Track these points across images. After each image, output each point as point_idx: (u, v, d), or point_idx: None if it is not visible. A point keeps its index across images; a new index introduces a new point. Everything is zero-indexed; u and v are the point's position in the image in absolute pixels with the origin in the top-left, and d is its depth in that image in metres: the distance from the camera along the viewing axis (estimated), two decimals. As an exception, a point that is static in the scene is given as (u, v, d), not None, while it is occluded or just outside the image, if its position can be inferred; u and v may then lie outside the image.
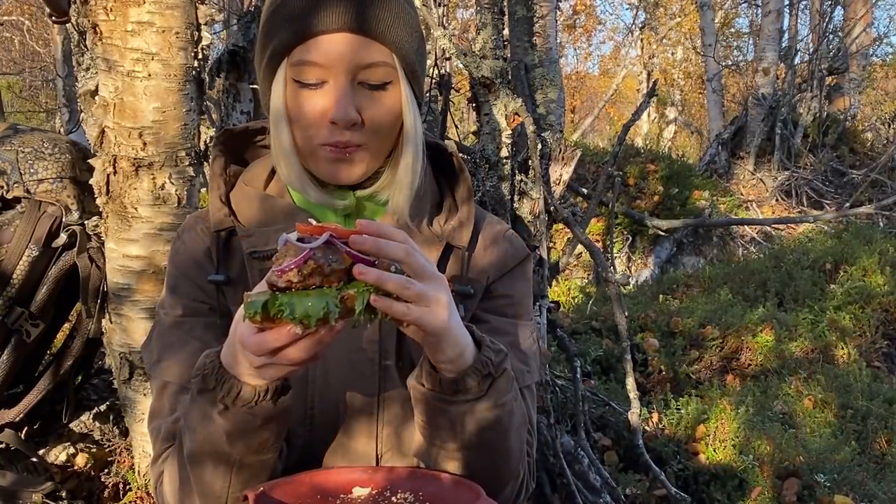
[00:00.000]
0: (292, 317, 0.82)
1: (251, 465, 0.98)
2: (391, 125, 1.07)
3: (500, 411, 1.00)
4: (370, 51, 1.02)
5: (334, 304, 0.83)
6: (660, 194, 7.38)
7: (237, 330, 0.90)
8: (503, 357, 0.99)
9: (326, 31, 1.00)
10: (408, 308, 0.87)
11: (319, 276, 0.83)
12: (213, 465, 0.98)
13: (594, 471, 2.73)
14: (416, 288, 0.87)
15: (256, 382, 0.92)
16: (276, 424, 0.96)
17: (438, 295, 0.90)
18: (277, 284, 0.83)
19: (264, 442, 0.96)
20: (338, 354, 1.08)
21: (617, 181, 3.20)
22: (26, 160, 2.13)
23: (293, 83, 1.03)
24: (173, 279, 1.14)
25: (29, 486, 2.16)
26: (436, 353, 0.94)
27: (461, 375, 0.96)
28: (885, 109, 11.73)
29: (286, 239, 0.86)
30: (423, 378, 0.98)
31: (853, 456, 3.34)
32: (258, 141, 1.20)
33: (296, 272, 0.83)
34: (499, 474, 1.05)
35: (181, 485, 1.03)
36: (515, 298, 1.18)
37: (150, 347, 1.13)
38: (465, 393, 0.97)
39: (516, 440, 1.05)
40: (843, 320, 4.92)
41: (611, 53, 20.43)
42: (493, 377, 0.98)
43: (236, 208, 1.13)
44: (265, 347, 0.86)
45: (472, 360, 0.96)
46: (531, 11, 2.76)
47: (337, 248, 0.85)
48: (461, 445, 1.01)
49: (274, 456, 0.99)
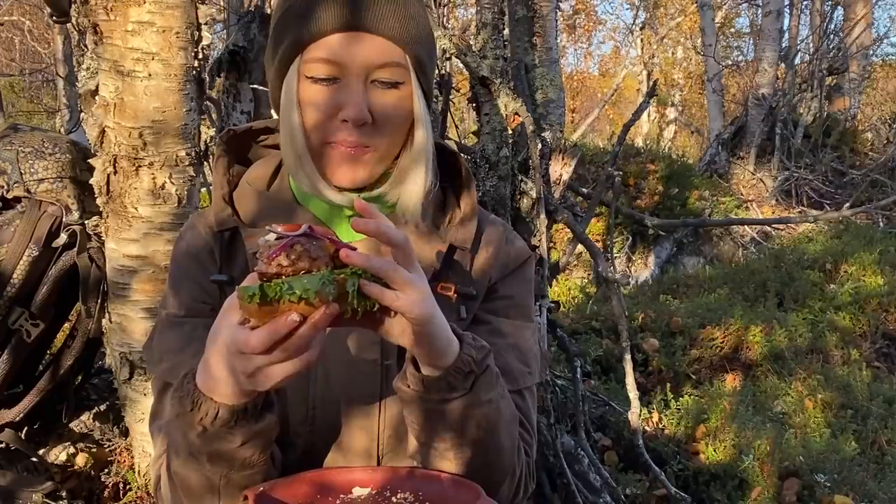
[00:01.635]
0: (292, 293, 0.82)
1: (238, 482, 0.97)
2: (401, 125, 1.07)
3: (486, 408, 0.99)
4: (383, 50, 1.02)
5: (329, 281, 0.83)
6: (660, 194, 7.39)
7: (230, 338, 0.87)
8: (486, 353, 0.99)
9: (340, 29, 1.01)
10: (396, 295, 0.87)
11: (308, 260, 0.83)
12: (200, 482, 0.97)
13: (594, 471, 2.73)
14: (403, 274, 0.87)
15: (241, 400, 0.91)
16: (259, 441, 0.95)
17: (423, 285, 0.90)
18: (268, 272, 0.83)
19: (247, 459, 0.95)
20: (339, 355, 1.08)
21: (617, 181, 3.20)
22: (27, 160, 2.13)
23: (305, 79, 1.03)
24: (175, 279, 1.14)
25: (29, 486, 2.16)
26: (422, 346, 0.93)
27: (444, 374, 0.95)
28: (885, 109, 11.73)
29: (265, 240, 0.86)
30: (408, 379, 0.98)
31: (853, 456, 3.34)
32: (261, 141, 1.20)
33: (284, 256, 0.83)
34: (492, 471, 1.05)
35: (177, 491, 1.03)
36: (517, 300, 1.18)
37: (152, 348, 1.13)
38: (450, 391, 0.96)
39: (507, 437, 1.05)
40: (843, 320, 4.92)
41: (611, 53, 20.44)
42: (476, 374, 0.97)
43: (239, 208, 1.13)
44: (272, 339, 0.84)
45: (454, 357, 0.95)
46: (531, 11, 2.76)
47: (317, 238, 0.85)
48: (451, 444, 1.01)
49: (262, 469, 0.98)
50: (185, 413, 0.93)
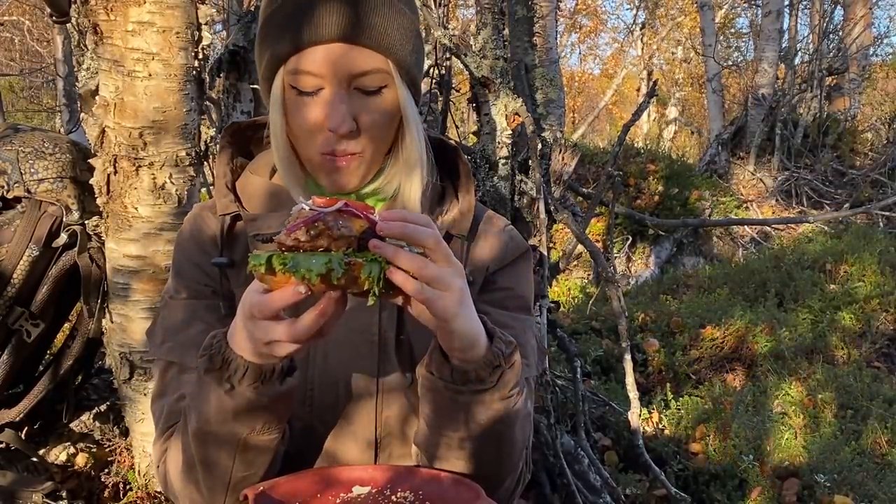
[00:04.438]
0: (295, 270, 0.82)
1: (255, 445, 0.99)
2: (387, 127, 1.08)
3: (508, 403, 1.00)
4: (364, 58, 1.02)
5: (339, 264, 0.83)
6: (660, 194, 7.39)
7: (244, 300, 0.90)
8: (513, 349, 1.00)
9: (320, 41, 1.01)
10: (422, 287, 0.87)
11: (327, 239, 0.84)
12: (218, 445, 0.98)
13: (594, 471, 2.73)
14: (432, 269, 0.87)
15: (263, 362, 0.93)
16: (282, 404, 0.97)
17: (454, 280, 0.90)
18: (286, 243, 0.84)
19: (269, 421, 0.97)
20: (338, 335, 1.08)
21: (617, 181, 3.20)
22: (27, 160, 2.13)
23: (291, 89, 1.05)
24: (178, 263, 1.16)
25: (29, 486, 2.16)
26: (445, 340, 0.94)
27: (473, 366, 0.96)
28: (884, 109, 11.72)
29: (301, 206, 0.86)
30: (433, 366, 0.98)
31: (853, 456, 3.34)
32: (264, 135, 1.21)
33: (304, 231, 0.83)
34: (502, 466, 1.06)
35: (185, 464, 1.04)
36: (516, 291, 1.19)
37: (155, 330, 1.15)
38: (477, 383, 0.97)
39: (521, 432, 1.06)
40: (843, 320, 4.92)
41: (611, 53, 20.43)
42: (503, 369, 0.98)
43: (242, 195, 1.15)
44: (270, 307, 0.86)
45: (484, 350, 0.96)
46: (531, 11, 2.76)
47: (350, 216, 0.85)
48: (468, 436, 1.01)
49: (278, 436, 1.00)
50: (214, 370, 0.94)
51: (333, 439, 1.10)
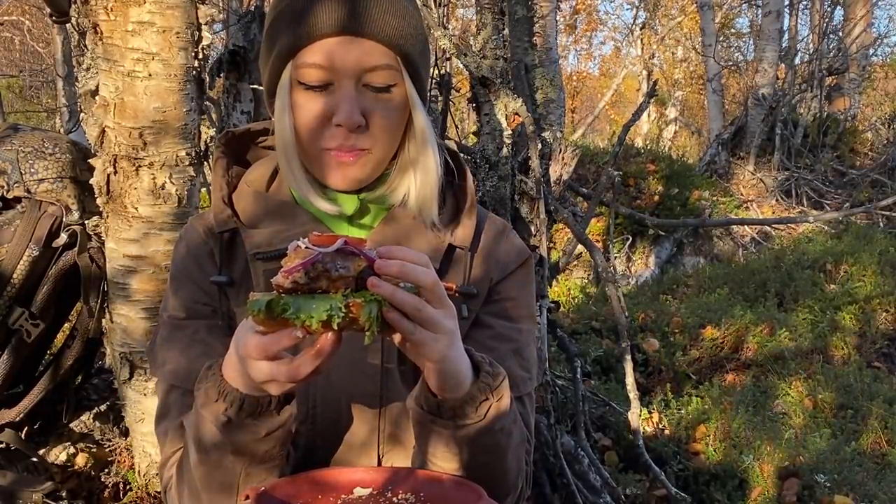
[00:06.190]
0: (295, 316, 0.82)
1: (257, 475, 0.98)
2: (396, 127, 1.07)
3: (498, 436, 1.00)
4: (374, 54, 1.02)
5: (339, 309, 0.82)
6: (660, 194, 7.39)
7: (239, 339, 0.89)
8: (501, 381, 0.99)
9: (329, 34, 1.01)
10: (414, 328, 0.87)
11: (326, 281, 0.83)
12: (220, 476, 0.98)
13: (594, 471, 2.73)
14: (428, 312, 0.87)
15: (259, 394, 0.92)
16: (280, 434, 0.96)
17: (446, 323, 0.90)
18: (284, 285, 0.83)
19: (269, 451, 0.97)
20: (341, 356, 1.08)
21: (617, 181, 3.20)
22: (27, 160, 2.13)
23: (298, 85, 1.04)
24: (175, 281, 1.14)
25: (29, 486, 2.16)
26: (431, 379, 0.94)
27: (459, 402, 0.96)
28: (884, 109, 11.72)
29: (296, 244, 0.86)
30: (422, 400, 0.98)
31: (853, 456, 3.34)
32: (260, 142, 1.21)
33: (303, 273, 0.83)
34: (496, 491, 1.05)
35: (189, 493, 1.03)
36: (520, 301, 1.18)
37: (155, 351, 1.14)
38: (463, 418, 0.97)
39: (514, 460, 1.06)
40: (843, 320, 4.92)
41: (611, 54, 20.43)
42: (491, 402, 0.98)
43: (239, 209, 1.13)
44: (268, 350, 0.86)
45: (468, 387, 0.96)
46: (531, 11, 2.76)
47: (348, 255, 0.85)
48: (458, 466, 1.01)
49: (281, 462, 1.00)
50: (210, 403, 0.94)
51: (335, 456, 1.10)
